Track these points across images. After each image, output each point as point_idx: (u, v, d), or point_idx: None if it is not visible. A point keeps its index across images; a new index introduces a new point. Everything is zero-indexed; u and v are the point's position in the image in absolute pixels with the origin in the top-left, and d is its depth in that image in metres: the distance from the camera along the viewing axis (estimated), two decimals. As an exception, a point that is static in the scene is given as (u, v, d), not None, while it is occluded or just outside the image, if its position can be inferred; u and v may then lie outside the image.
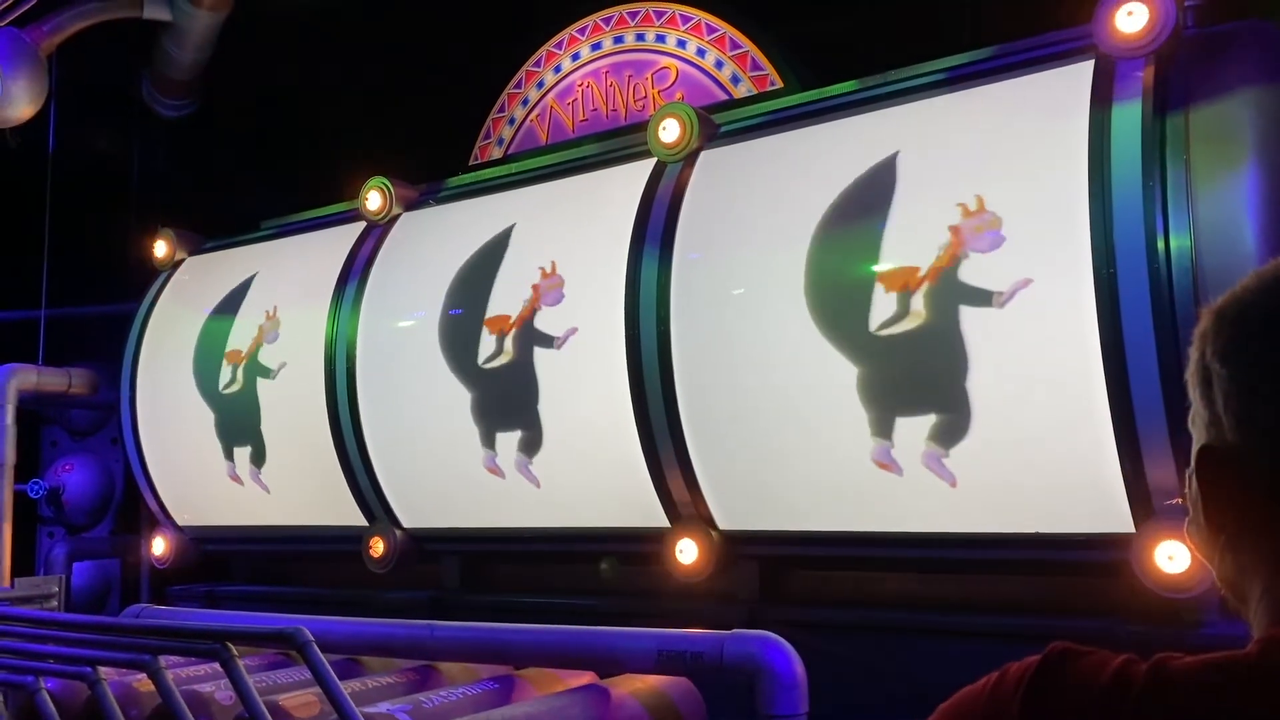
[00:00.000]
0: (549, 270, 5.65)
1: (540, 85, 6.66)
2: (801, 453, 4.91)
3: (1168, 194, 4.03)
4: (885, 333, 4.58)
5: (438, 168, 6.86)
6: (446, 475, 6.12)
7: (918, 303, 4.52)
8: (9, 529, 7.73)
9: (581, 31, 6.54)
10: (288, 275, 6.94)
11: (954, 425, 4.47)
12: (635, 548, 5.55)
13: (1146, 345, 3.97)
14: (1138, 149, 4.09)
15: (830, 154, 5.11)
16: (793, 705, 3.73)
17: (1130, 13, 4.24)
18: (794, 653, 3.80)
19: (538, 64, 6.70)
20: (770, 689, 3.71)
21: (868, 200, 4.76)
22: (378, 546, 6.27)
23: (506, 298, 5.79)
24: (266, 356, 6.76)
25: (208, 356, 7.07)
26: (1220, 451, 1.00)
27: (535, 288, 5.66)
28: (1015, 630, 4.40)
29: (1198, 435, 1.05)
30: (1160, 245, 4.00)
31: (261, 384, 6.74)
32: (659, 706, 4.24)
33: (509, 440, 5.76)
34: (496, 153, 6.80)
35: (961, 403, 4.42)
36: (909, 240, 4.61)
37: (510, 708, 4.12)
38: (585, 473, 5.58)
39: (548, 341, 5.57)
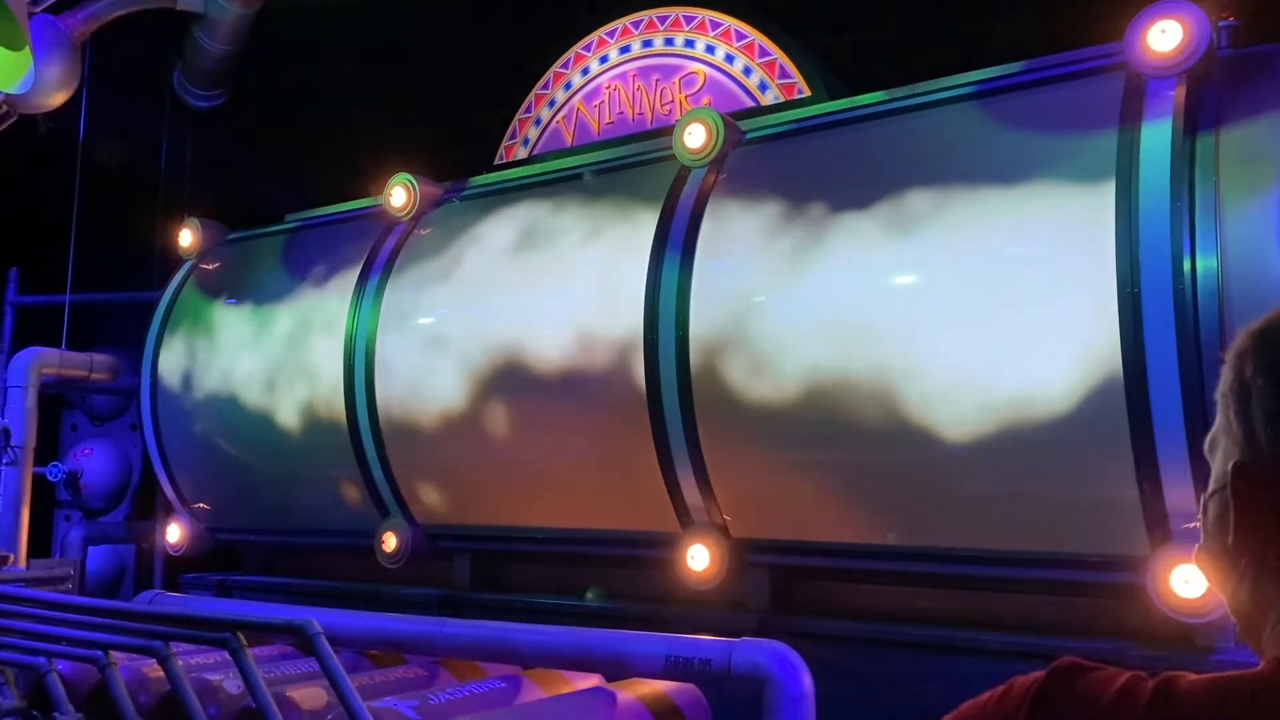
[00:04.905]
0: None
1: (568, 87, 6.67)
2: (818, 463, 4.89)
3: (1196, 214, 4.00)
4: (904, 345, 4.56)
5: (463, 166, 6.88)
6: (461, 472, 6.13)
7: (937, 317, 4.50)
8: (27, 511, 7.79)
9: (610, 34, 6.54)
10: (310, 269, 6.97)
11: (971, 441, 4.44)
12: (647, 552, 5.54)
13: (1169, 366, 3.93)
14: (1167, 168, 4.05)
15: (856, 164, 5.10)
16: (799, 716, 3.71)
17: (1163, 31, 4.21)
18: (803, 663, 3.79)
19: (565, 66, 6.71)
20: (777, 699, 3.70)
21: (889, 211, 4.74)
22: (390, 541, 6.28)
23: (526, 298, 5.79)
24: (286, 348, 6.79)
25: (229, 346, 7.11)
26: (1256, 468, 0.98)
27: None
28: (1025, 649, 4.37)
29: (1226, 453, 1.03)
30: (1186, 266, 3.96)
31: (280, 376, 6.77)
32: (665, 712, 4.23)
33: (524, 440, 5.77)
34: (522, 153, 6.82)
35: (979, 418, 4.39)
36: (930, 254, 4.59)
37: (516, 708, 4.12)
38: (599, 475, 5.58)
39: (562, 344, 5.57)
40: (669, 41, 6.30)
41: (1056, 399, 4.22)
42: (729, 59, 6.06)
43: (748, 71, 5.99)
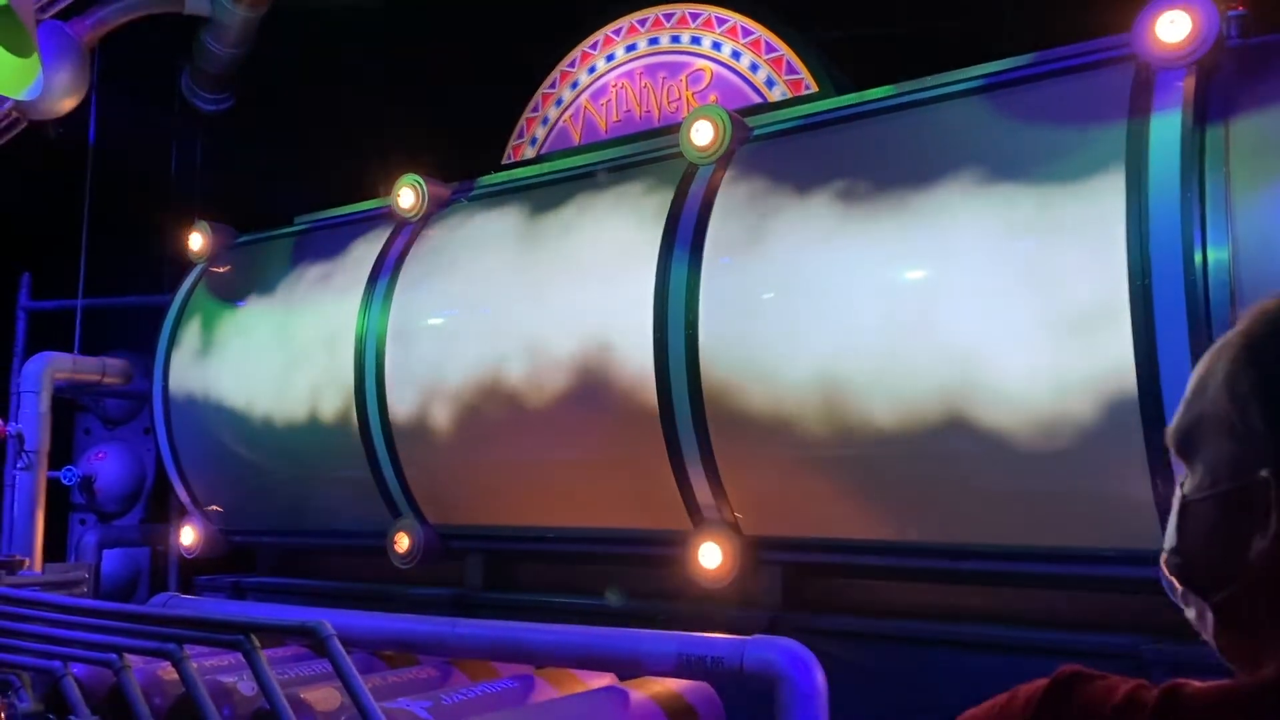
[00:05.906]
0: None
1: (575, 85, 6.67)
2: (829, 460, 4.88)
3: (1206, 206, 3.98)
4: (915, 340, 4.55)
5: (471, 166, 6.89)
6: (473, 472, 6.14)
7: (949, 312, 4.49)
8: (41, 515, 7.84)
9: (617, 32, 6.54)
10: (320, 271, 6.99)
11: (983, 435, 4.43)
12: (658, 550, 5.54)
13: (1181, 358, 3.91)
14: (1176, 160, 4.03)
15: (865, 159, 5.08)
16: (812, 713, 3.71)
17: (1172, 21, 4.19)
18: (815, 661, 3.78)
19: (572, 64, 6.71)
20: (790, 696, 3.70)
21: (898, 206, 4.73)
22: (402, 542, 6.30)
23: (535, 297, 5.80)
24: (297, 350, 6.81)
25: (240, 349, 7.13)
26: None
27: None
28: (1039, 644, 4.36)
29: (1229, 454, 0.97)
30: (1197, 258, 3.94)
31: (292, 378, 6.79)
32: (678, 710, 4.23)
33: (535, 440, 5.77)
34: (529, 152, 6.82)
35: (990, 412, 4.37)
36: (940, 249, 4.58)
37: (529, 707, 4.13)
38: (610, 474, 5.58)
39: (572, 343, 5.57)
40: (675, 39, 6.29)
41: (1068, 392, 4.20)
42: (735, 55, 6.05)
43: (754, 68, 5.97)
